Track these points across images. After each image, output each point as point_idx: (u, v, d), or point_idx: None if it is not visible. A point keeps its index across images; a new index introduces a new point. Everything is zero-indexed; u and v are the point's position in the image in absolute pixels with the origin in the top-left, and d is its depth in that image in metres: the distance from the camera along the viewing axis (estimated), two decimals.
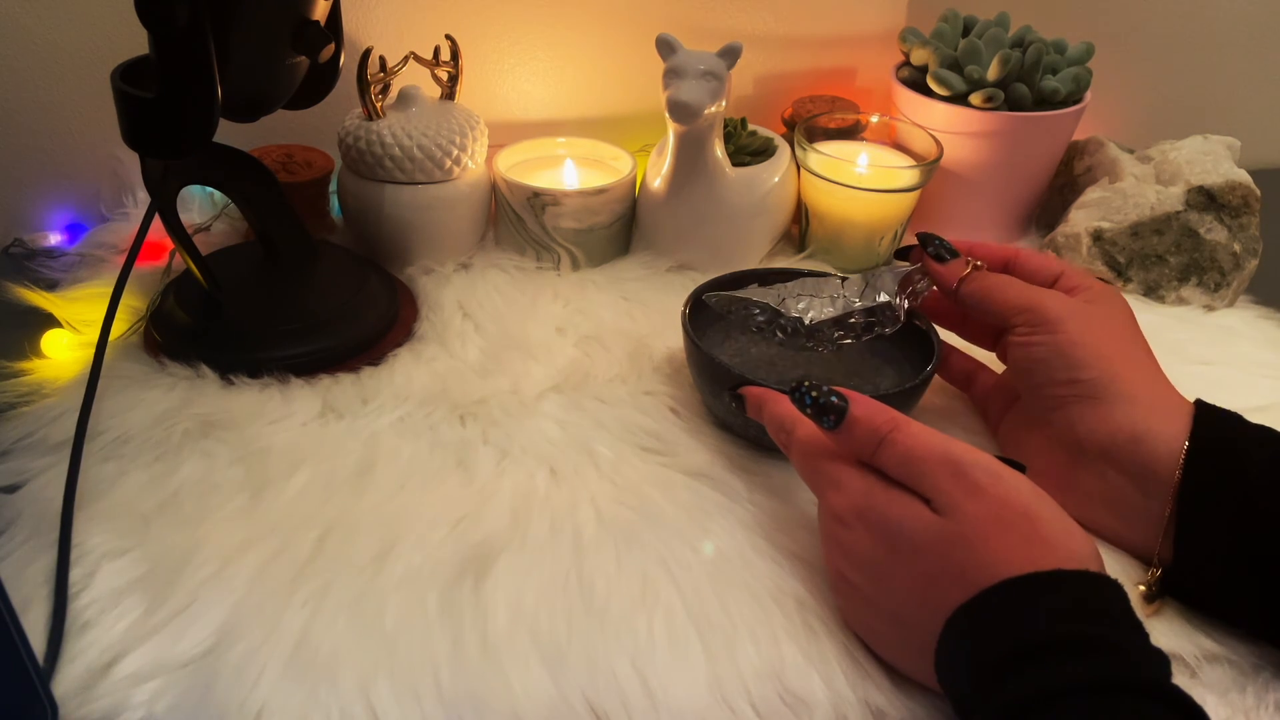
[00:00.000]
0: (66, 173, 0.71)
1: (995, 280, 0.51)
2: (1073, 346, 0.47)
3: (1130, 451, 0.45)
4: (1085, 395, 0.47)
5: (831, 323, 0.54)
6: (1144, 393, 0.47)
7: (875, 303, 0.54)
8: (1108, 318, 0.49)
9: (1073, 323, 0.48)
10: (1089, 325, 0.48)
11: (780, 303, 0.55)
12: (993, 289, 0.51)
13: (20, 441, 0.51)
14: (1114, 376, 0.47)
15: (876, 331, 0.54)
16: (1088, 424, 0.47)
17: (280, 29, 0.51)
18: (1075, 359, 0.47)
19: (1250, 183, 0.70)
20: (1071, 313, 0.48)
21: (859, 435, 0.41)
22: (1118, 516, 0.47)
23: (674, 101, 0.61)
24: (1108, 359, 0.47)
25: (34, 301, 0.60)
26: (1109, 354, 0.47)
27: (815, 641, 0.43)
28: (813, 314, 0.54)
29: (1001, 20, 0.74)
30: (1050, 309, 0.48)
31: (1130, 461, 0.45)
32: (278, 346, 0.57)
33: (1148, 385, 0.47)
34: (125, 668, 0.40)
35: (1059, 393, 0.48)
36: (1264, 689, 0.42)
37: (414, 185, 0.65)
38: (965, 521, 0.38)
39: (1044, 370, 0.48)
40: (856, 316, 0.54)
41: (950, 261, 0.53)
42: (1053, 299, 0.49)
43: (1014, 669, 0.34)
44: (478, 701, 0.39)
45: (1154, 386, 0.48)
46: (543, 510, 0.49)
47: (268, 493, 0.49)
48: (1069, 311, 0.48)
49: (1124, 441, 0.46)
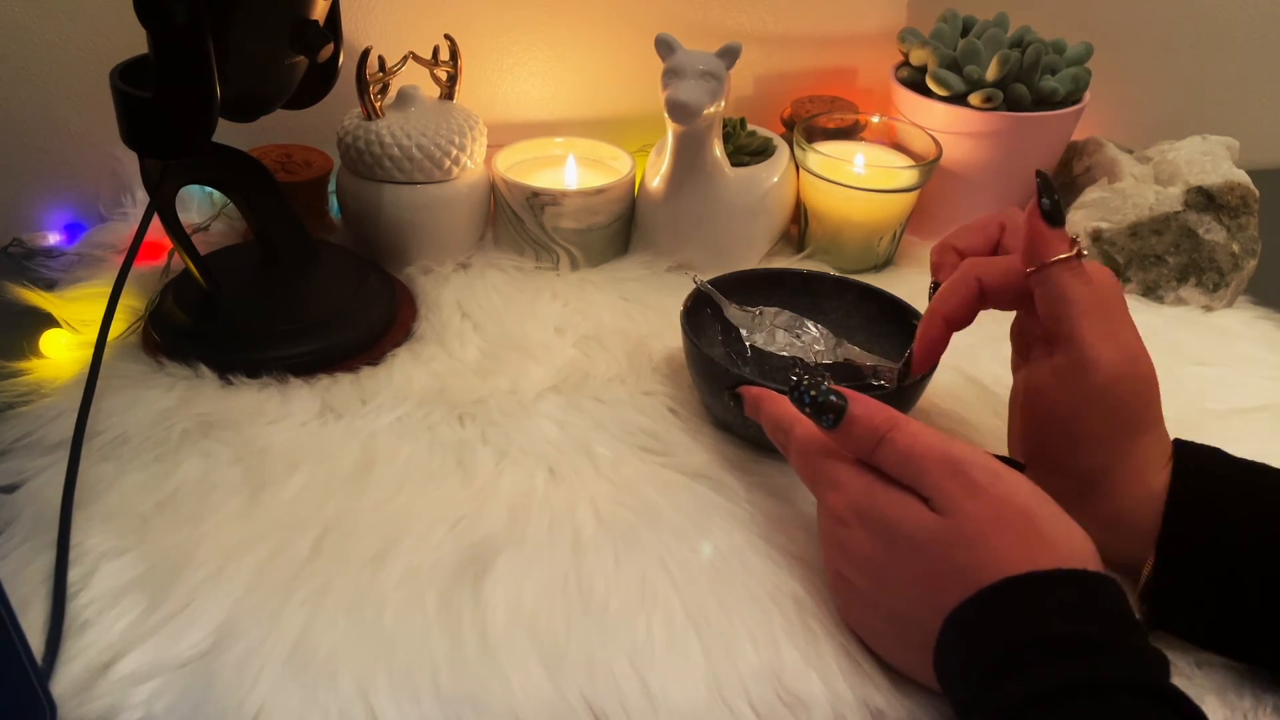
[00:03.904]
0: (65, 172, 0.71)
1: (1074, 281, 0.44)
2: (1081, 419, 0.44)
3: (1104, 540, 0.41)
4: (1064, 490, 0.42)
5: (786, 359, 0.56)
6: (1125, 477, 0.44)
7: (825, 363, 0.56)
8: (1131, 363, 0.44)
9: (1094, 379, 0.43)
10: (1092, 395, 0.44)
11: (752, 321, 0.57)
12: (1058, 294, 0.44)
13: (19, 441, 0.51)
14: (1096, 468, 0.44)
15: None
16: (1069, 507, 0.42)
17: (279, 28, 0.51)
18: (1077, 433, 0.44)
19: (1249, 183, 0.70)
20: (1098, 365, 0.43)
21: (858, 434, 0.41)
22: None
23: (673, 101, 0.61)
24: (1098, 445, 0.44)
25: (33, 301, 0.60)
26: (1109, 445, 0.44)
27: (814, 642, 0.43)
28: (771, 346, 0.57)
29: (1000, 20, 0.74)
30: (1097, 358, 0.43)
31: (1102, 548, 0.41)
32: (276, 346, 0.57)
33: (1130, 462, 0.44)
34: (124, 667, 0.40)
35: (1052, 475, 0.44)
36: (1263, 690, 0.42)
37: (413, 185, 0.65)
38: (964, 520, 0.38)
39: (1050, 421, 0.46)
40: (806, 368, 0.56)
41: (1056, 231, 0.44)
42: (1106, 348, 0.43)
43: (1013, 668, 0.34)
44: (476, 701, 0.39)
45: (1135, 460, 0.44)
46: (541, 510, 0.49)
47: (266, 493, 0.49)
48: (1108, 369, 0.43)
49: (1095, 533, 0.41)
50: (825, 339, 0.57)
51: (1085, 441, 0.45)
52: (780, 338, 0.56)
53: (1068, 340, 0.44)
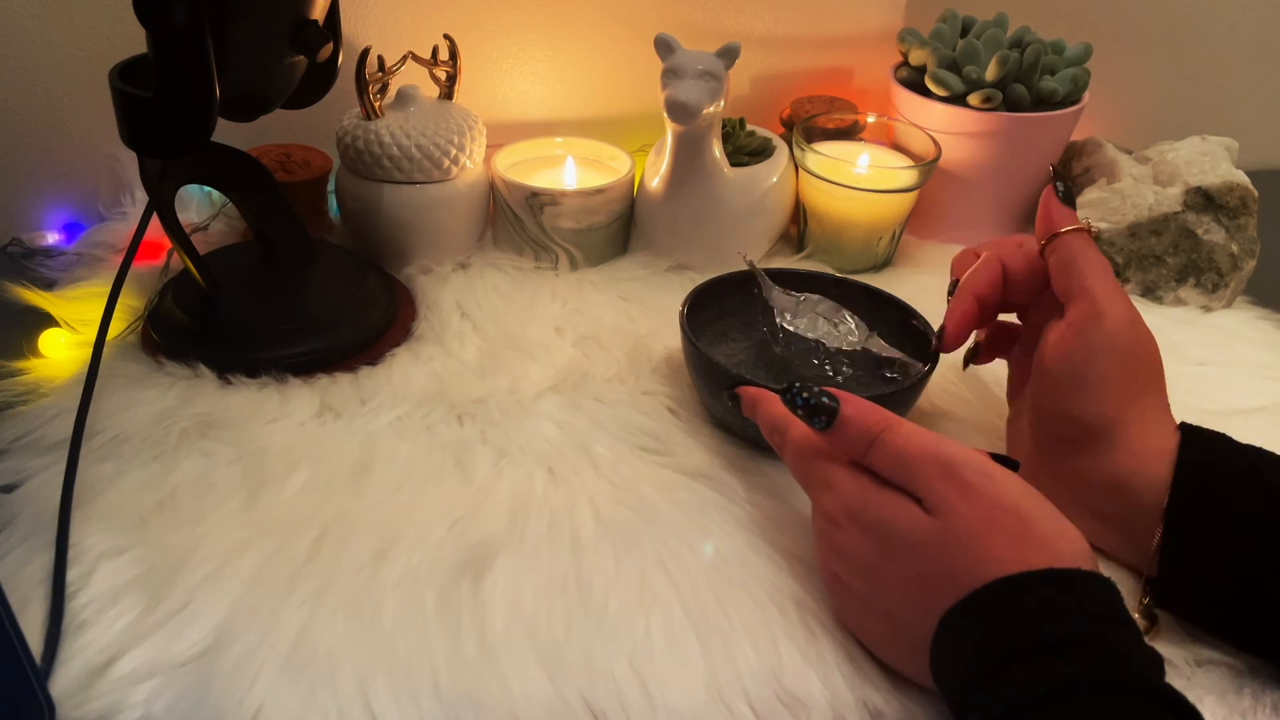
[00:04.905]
0: (64, 172, 0.71)
1: (1086, 247, 0.48)
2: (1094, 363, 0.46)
3: (1115, 498, 0.45)
4: (1078, 439, 0.46)
5: (817, 348, 0.56)
6: (1136, 432, 0.45)
7: (846, 349, 0.56)
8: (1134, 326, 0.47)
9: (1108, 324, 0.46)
10: (1107, 341, 0.46)
11: (796, 306, 0.57)
12: (1074, 255, 0.48)
13: (18, 441, 0.51)
14: (1107, 418, 0.46)
15: (844, 373, 0.57)
16: (1076, 466, 0.46)
17: (279, 28, 0.51)
18: (1091, 378, 0.46)
19: (1248, 184, 0.70)
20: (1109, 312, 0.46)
21: (851, 435, 0.41)
22: (1102, 548, 0.46)
23: (672, 101, 0.61)
24: (1113, 393, 0.46)
25: (32, 301, 0.60)
26: (1115, 385, 0.46)
27: (813, 642, 0.43)
28: (812, 332, 0.57)
29: (1000, 21, 0.74)
30: (1109, 307, 0.46)
31: (1112, 506, 0.45)
32: (275, 346, 0.57)
33: (1139, 420, 0.46)
34: (123, 667, 0.40)
35: (1056, 430, 0.47)
36: (1261, 690, 0.42)
37: (412, 185, 0.65)
38: (957, 521, 0.38)
39: (1058, 386, 0.47)
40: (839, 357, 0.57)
41: (1069, 209, 0.49)
42: (1116, 301, 0.47)
43: (1007, 669, 0.34)
44: (475, 701, 0.39)
45: (1144, 419, 0.46)
46: (541, 510, 0.49)
47: (265, 492, 0.49)
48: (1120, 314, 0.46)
49: (1107, 488, 0.45)
50: (860, 329, 0.57)
51: (1099, 387, 0.46)
52: (821, 325, 0.57)
53: (1080, 294, 0.47)
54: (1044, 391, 0.48)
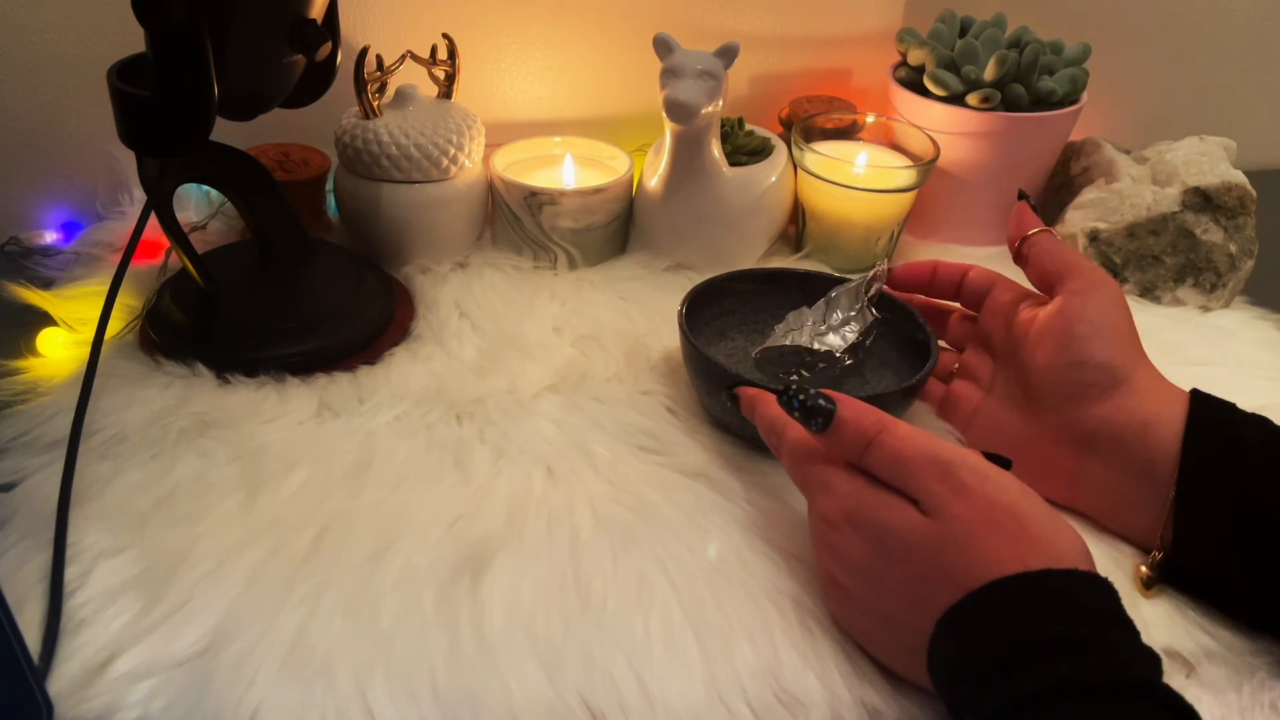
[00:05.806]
0: (63, 171, 0.70)
1: (1058, 243, 0.52)
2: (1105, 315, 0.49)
3: (1138, 439, 0.46)
4: (1101, 384, 0.48)
5: (788, 353, 0.57)
6: (1147, 381, 0.48)
7: (819, 348, 0.56)
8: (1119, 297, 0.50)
9: (1108, 292, 0.49)
10: (1112, 302, 0.49)
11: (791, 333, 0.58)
12: (1057, 244, 0.52)
13: (15, 440, 0.51)
14: (1127, 364, 0.48)
15: (821, 369, 0.57)
16: (1101, 414, 0.48)
17: (277, 27, 0.51)
18: (1105, 326, 0.48)
19: (1246, 184, 0.70)
20: (1107, 283, 0.50)
21: (847, 437, 0.41)
22: (1121, 506, 0.48)
23: (671, 101, 0.61)
24: (1125, 346, 0.49)
25: (30, 300, 0.60)
26: (1125, 340, 0.49)
27: (812, 641, 0.43)
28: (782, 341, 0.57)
29: (998, 21, 0.74)
30: (1104, 278, 0.50)
31: (1138, 448, 0.46)
32: (274, 345, 0.57)
33: (1147, 372, 0.49)
34: (121, 666, 0.40)
35: (1079, 377, 0.48)
36: (1259, 688, 0.42)
37: (411, 184, 0.65)
38: (954, 522, 0.38)
39: (1075, 341, 0.49)
40: (807, 355, 0.57)
41: (1038, 219, 0.54)
42: (1105, 275, 0.51)
43: (1004, 670, 0.34)
44: (474, 701, 0.39)
45: (1151, 372, 0.49)
46: (539, 510, 0.49)
47: (264, 491, 0.49)
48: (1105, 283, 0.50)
49: (1134, 430, 0.47)
50: (815, 309, 0.58)
51: (1115, 335, 0.48)
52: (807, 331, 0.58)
53: (1075, 269, 0.50)
54: (1057, 350, 0.49)
